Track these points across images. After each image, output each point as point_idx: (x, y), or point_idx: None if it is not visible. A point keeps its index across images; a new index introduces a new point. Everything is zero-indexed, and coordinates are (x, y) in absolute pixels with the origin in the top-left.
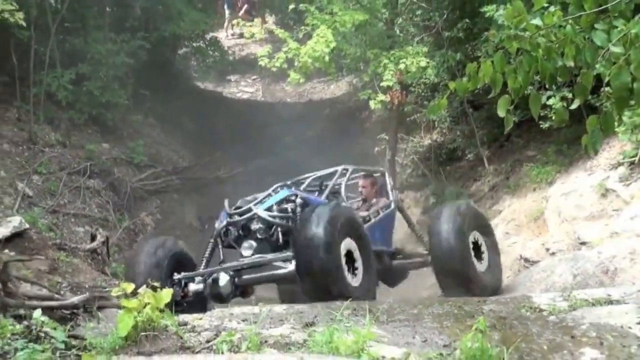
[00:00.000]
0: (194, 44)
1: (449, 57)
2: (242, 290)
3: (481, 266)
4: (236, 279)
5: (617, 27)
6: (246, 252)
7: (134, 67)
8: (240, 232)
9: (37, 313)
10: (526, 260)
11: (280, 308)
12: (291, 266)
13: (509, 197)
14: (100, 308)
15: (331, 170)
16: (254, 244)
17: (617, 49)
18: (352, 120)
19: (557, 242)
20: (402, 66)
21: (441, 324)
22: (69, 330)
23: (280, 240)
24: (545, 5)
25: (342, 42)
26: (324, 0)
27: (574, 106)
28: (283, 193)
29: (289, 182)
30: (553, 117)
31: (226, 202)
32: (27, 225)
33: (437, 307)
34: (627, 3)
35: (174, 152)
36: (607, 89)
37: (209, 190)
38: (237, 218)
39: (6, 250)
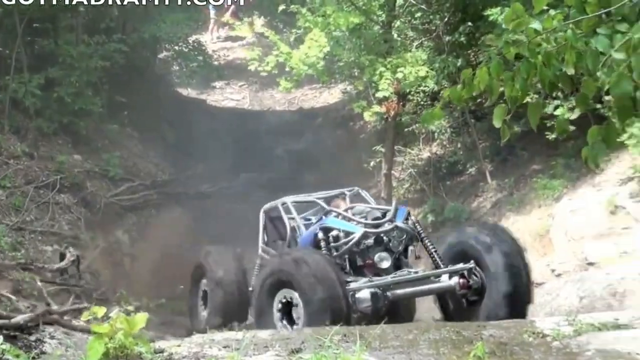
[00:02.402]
0: (176, 47)
1: (450, 63)
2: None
3: None
4: (388, 294)
5: (620, 32)
6: (384, 264)
7: (110, 72)
8: (372, 242)
9: None
10: None
11: (265, 334)
12: (453, 280)
13: (513, 214)
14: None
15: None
16: (388, 255)
17: (619, 55)
18: (346, 131)
19: (563, 263)
20: (399, 75)
21: (437, 351)
22: (33, 358)
23: (407, 253)
24: (546, 8)
25: (335, 47)
26: (316, 1)
27: (574, 116)
28: (405, 210)
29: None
30: None
31: (345, 209)
32: None
33: (433, 332)
34: (631, 6)
35: (153, 165)
36: (607, 97)
37: (192, 206)
38: (374, 230)
39: None
